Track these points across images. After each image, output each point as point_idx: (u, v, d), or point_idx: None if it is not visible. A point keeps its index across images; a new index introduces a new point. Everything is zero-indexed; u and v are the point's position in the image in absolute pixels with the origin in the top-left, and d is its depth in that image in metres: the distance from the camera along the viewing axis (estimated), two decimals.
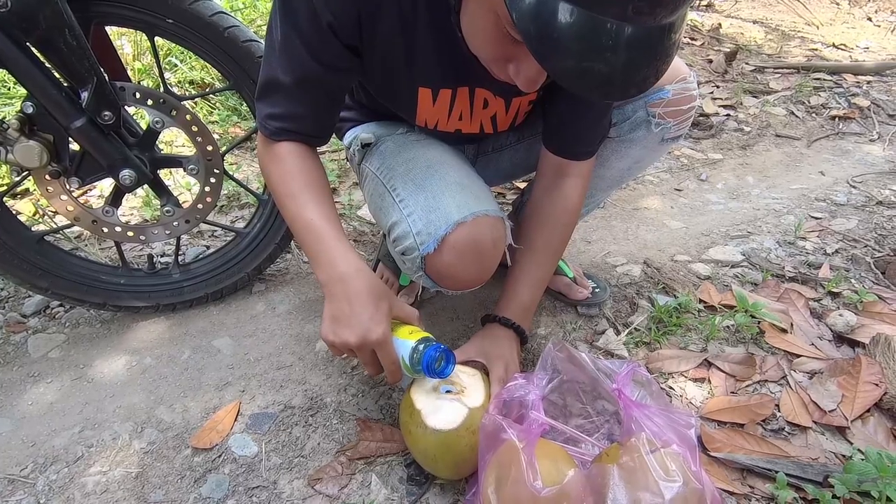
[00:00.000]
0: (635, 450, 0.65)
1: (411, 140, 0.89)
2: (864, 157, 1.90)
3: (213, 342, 1.06)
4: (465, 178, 0.82)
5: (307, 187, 0.77)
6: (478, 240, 0.74)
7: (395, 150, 0.88)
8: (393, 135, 0.92)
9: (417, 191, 0.78)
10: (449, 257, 0.74)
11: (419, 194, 0.78)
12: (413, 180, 0.80)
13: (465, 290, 0.82)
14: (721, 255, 1.32)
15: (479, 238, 0.74)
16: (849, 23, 3.65)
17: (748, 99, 2.32)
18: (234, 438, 0.86)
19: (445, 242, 0.73)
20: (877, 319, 1.08)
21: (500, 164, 1.03)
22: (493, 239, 0.76)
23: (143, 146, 0.96)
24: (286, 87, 0.74)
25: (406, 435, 0.78)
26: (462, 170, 0.84)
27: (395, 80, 0.78)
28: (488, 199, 0.80)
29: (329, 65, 0.72)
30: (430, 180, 0.79)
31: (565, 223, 0.92)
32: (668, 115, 0.87)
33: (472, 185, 0.81)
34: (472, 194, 0.78)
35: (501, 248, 0.80)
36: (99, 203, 1.40)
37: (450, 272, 0.76)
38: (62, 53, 0.82)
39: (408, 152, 0.86)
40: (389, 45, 0.73)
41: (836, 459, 0.82)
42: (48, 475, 0.81)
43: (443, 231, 0.73)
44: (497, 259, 0.80)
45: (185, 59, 1.86)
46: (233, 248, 1.13)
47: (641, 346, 1.04)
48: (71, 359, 1.02)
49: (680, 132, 0.91)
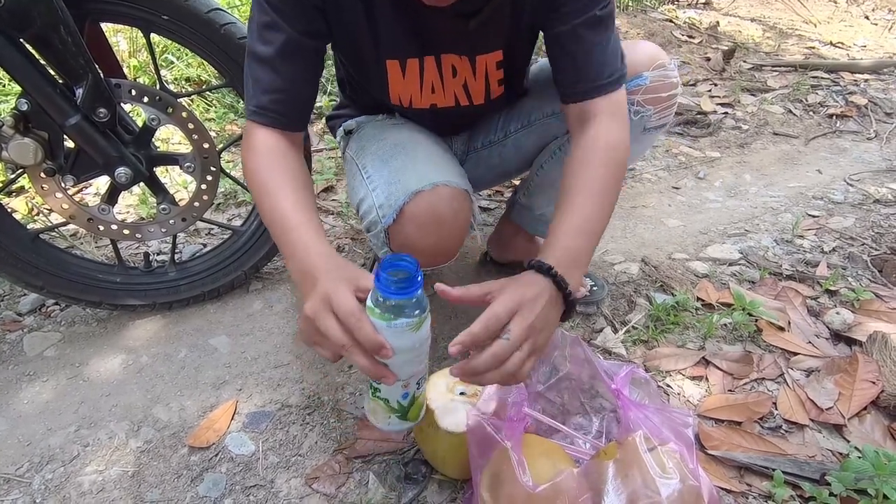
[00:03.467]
0: (633, 447, 0.65)
1: (389, 123, 0.90)
2: (862, 156, 1.90)
3: (209, 341, 1.05)
4: (433, 153, 0.82)
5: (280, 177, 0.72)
6: (436, 209, 0.73)
7: (370, 133, 0.89)
8: (373, 121, 0.93)
9: (383, 165, 0.79)
10: (409, 227, 0.74)
11: (384, 168, 0.79)
12: (381, 157, 0.81)
13: (434, 267, 0.81)
14: (719, 254, 1.32)
15: (437, 207, 0.73)
16: (846, 21, 3.65)
17: (746, 97, 2.32)
18: (231, 437, 0.86)
19: (404, 212, 0.73)
20: (873, 317, 1.09)
21: (490, 161, 1.03)
22: (454, 209, 0.75)
23: (138, 144, 0.95)
24: (266, 59, 0.73)
25: (417, 432, 0.78)
26: (431, 147, 0.84)
27: (363, 55, 0.80)
28: (454, 172, 0.79)
29: (303, 30, 0.72)
30: (397, 156, 0.80)
31: (602, 161, 0.75)
32: (648, 103, 0.85)
33: (439, 159, 0.81)
34: (435, 166, 0.78)
35: (463, 221, 0.77)
36: (95, 201, 1.40)
37: (410, 243, 0.75)
38: (57, 50, 0.82)
39: (382, 133, 0.87)
40: (352, 16, 0.75)
41: (833, 457, 0.82)
42: (44, 474, 0.81)
43: (401, 200, 0.73)
44: (460, 233, 0.78)
45: (182, 56, 1.85)
46: (229, 246, 1.13)
47: (639, 344, 1.04)
48: (66, 357, 1.01)
49: (663, 121, 0.90)
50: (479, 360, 0.58)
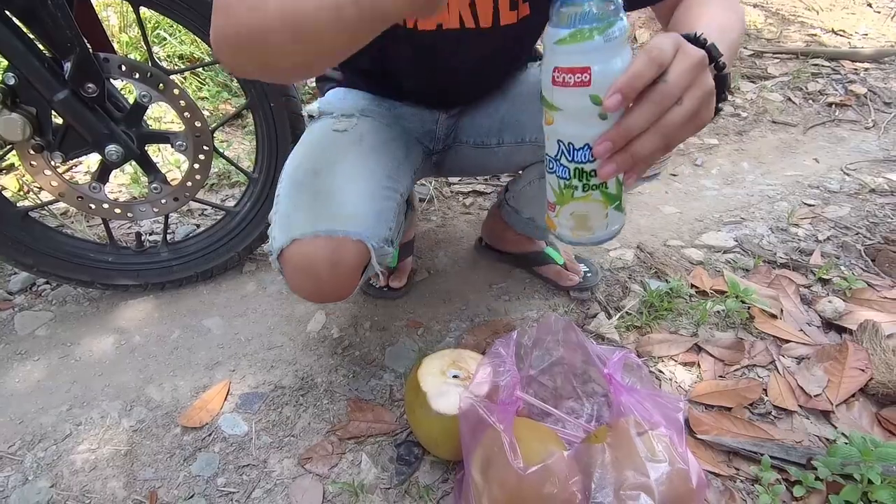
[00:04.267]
0: (623, 431, 0.65)
1: (330, 132, 0.84)
2: (859, 145, 1.89)
3: (203, 322, 1.05)
4: (343, 189, 0.75)
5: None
6: (311, 260, 0.70)
7: (310, 137, 0.84)
8: (326, 119, 0.86)
9: (289, 193, 0.75)
10: (287, 270, 0.73)
11: (289, 197, 0.75)
12: (293, 178, 0.77)
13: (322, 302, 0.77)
14: (714, 241, 1.32)
15: (312, 258, 0.70)
16: (849, 8, 3.62)
17: (746, 84, 2.30)
18: (224, 418, 0.86)
19: (282, 256, 0.72)
20: (865, 306, 1.09)
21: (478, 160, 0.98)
22: (332, 262, 0.70)
23: (129, 121, 0.94)
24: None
25: (410, 413, 0.79)
26: (348, 178, 0.76)
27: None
28: (351, 216, 0.72)
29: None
30: (304, 185, 0.76)
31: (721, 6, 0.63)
32: None
33: (343, 199, 0.74)
34: (331, 209, 0.72)
35: (345, 272, 0.72)
36: (86, 179, 1.38)
37: (290, 284, 0.75)
38: (44, 23, 0.80)
39: (314, 145, 0.82)
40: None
41: (821, 443, 0.83)
42: (36, 452, 0.81)
43: (280, 243, 0.71)
44: (343, 281, 0.73)
45: (175, 32, 1.81)
46: (223, 227, 1.12)
47: (632, 329, 1.05)
48: (58, 337, 1.01)
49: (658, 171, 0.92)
50: (634, 114, 0.44)
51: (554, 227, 0.54)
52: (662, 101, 0.44)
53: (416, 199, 1.32)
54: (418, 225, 1.37)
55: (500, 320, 1.06)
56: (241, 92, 1.15)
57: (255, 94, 1.01)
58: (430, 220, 1.39)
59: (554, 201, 0.52)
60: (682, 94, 0.44)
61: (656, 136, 0.45)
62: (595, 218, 0.51)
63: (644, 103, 0.44)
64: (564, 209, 0.51)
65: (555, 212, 0.53)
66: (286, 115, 1.02)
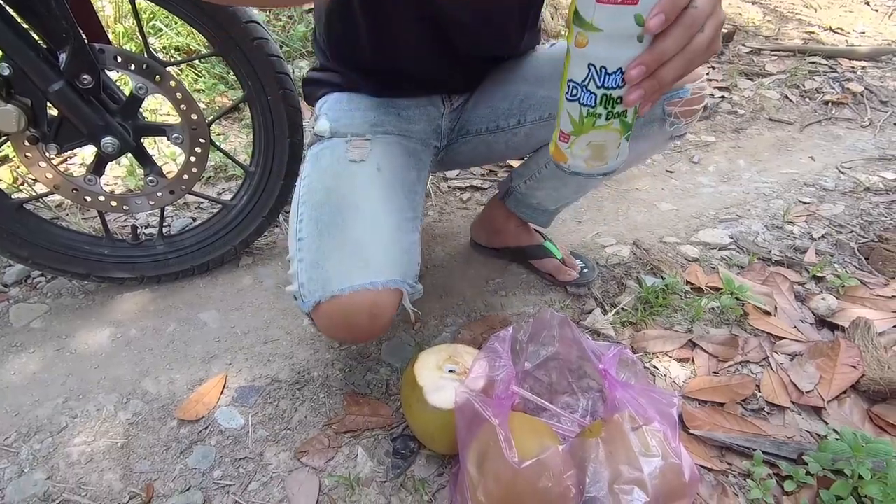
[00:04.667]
0: (618, 426, 0.66)
1: (346, 163, 0.81)
2: (855, 143, 1.90)
3: (199, 315, 1.05)
4: (371, 232, 0.74)
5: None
6: (349, 316, 0.71)
7: (326, 168, 0.82)
8: (338, 143, 0.84)
9: (315, 236, 0.74)
10: (323, 322, 0.73)
11: (315, 241, 0.74)
12: (317, 219, 0.76)
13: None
14: (709, 238, 1.33)
15: (351, 314, 0.71)
16: (847, 6, 3.62)
17: (743, 81, 2.31)
18: (220, 411, 0.86)
19: (319, 309, 0.72)
20: (857, 304, 1.10)
21: (494, 146, 0.98)
22: (371, 315, 0.71)
23: (125, 113, 0.93)
24: None
25: (406, 408, 0.79)
26: (374, 220, 0.76)
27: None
28: (384, 263, 0.73)
29: None
30: (330, 229, 0.74)
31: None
32: (683, 115, 0.84)
33: (373, 243, 0.74)
34: (362, 260, 0.72)
35: (382, 323, 0.73)
36: (81, 171, 1.37)
37: (325, 332, 0.76)
38: (39, 13, 0.79)
39: (332, 179, 0.80)
40: None
41: (812, 439, 0.84)
42: (32, 444, 0.81)
43: (317, 298, 0.71)
44: (379, 331, 0.74)
45: (171, 23, 1.80)
46: (219, 220, 1.11)
47: (628, 325, 1.05)
48: (53, 329, 1.01)
49: (688, 129, 0.89)
50: (669, 37, 0.46)
51: (565, 158, 0.54)
52: (693, 26, 0.46)
53: None
54: None
55: (496, 315, 1.07)
56: (238, 84, 1.14)
57: (252, 87, 1.00)
58: (427, 214, 1.39)
59: (570, 131, 0.51)
60: (706, 22, 0.47)
61: (683, 60, 0.47)
62: (610, 147, 0.51)
63: (677, 27, 0.45)
64: (581, 138, 0.51)
65: (568, 142, 0.52)
66: (283, 108, 1.02)
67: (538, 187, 1.02)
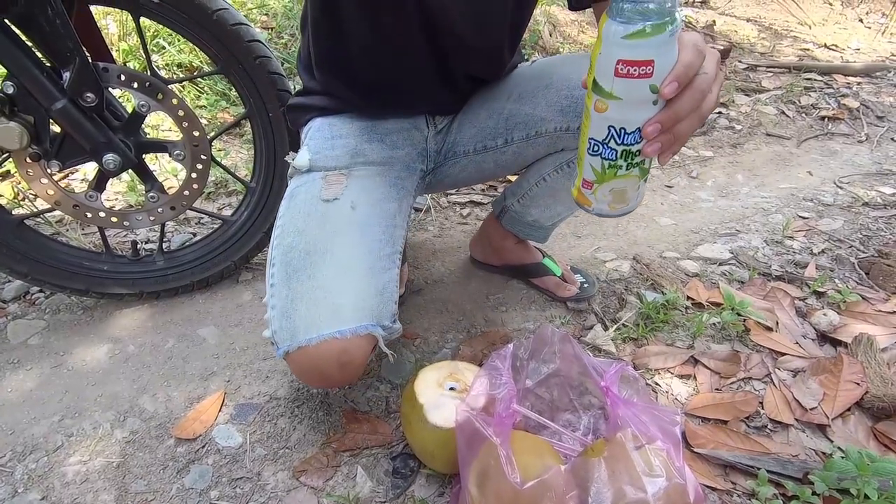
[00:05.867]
0: (620, 445, 0.65)
1: (319, 203, 0.79)
2: (852, 158, 1.92)
3: (198, 331, 1.04)
4: (341, 277, 0.73)
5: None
6: (318, 365, 0.70)
7: (297, 208, 0.80)
8: (315, 179, 0.82)
9: (284, 282, 0.73)
10: (294, 370, 0.73)
11: (285, 285, 0.73)
12: (287, 264, 0.74)
13: None
14: (709, 253, 1.33)
15: (319, 364, 0.70)
16: (841, 23, 3.67)
17: (740, 97, 2.33)
18: (218, 429, 0.86)
19: (289, 357, 0.71)
20: (859, 319, 1.10)
21: (483, 165, 0.96)
22: (341, 364, 0.70)
23: (127, 130, 0.93)
24: None
25: (406, 425, 0.78)
26: (344, 264, 0.74)
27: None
28: (354, 309, 0.71)
29: None
30: (299, 275, 0.73)
31: None
32: None
33: (343, 289, 0.72)
34: (331, 308, 0.70)
35: (353, 370, 0.72)
36: (82, 187, 1.38)
37: (301, 380, 0.76)
38: (43, 32, 0.80)
39: (304, 221, 0.78)
40: None
41: (817, 457, 0.83)
42: (27, 464, 0.80)
43: (286, 347, 0.71)
44: (350, 378, 0.73)
45: (174, 41, 1.82)
46: (219, 235, 1.11)
47: (629, 341, 1.05)
48: (51, 346, 1.00)
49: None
50: (683, 100, 0.51)
51: (589, 203, 0.59)
52: (703, 89, 0.52)
53: None
54: (414, 234, 1.37)
55: (496, 331, 1.06)
56: (240, 101, 1.15)
57: (253, 104, 1.01)
58: (426, 230, 1.40)
59: (593, 180, 0.56)
60: (713, 86, 0.54)
61: (695, 118, 0.53)
62: (631, 191, 0.57)
63: (689, 91, 0.51)
64: (604, 186, 0.56)
65: (592, 189, 0.57)
66: (284, 124, 1.02)
67: (532, 205, 1.02)
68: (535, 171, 0.96)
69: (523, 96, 0.89)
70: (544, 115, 0.87)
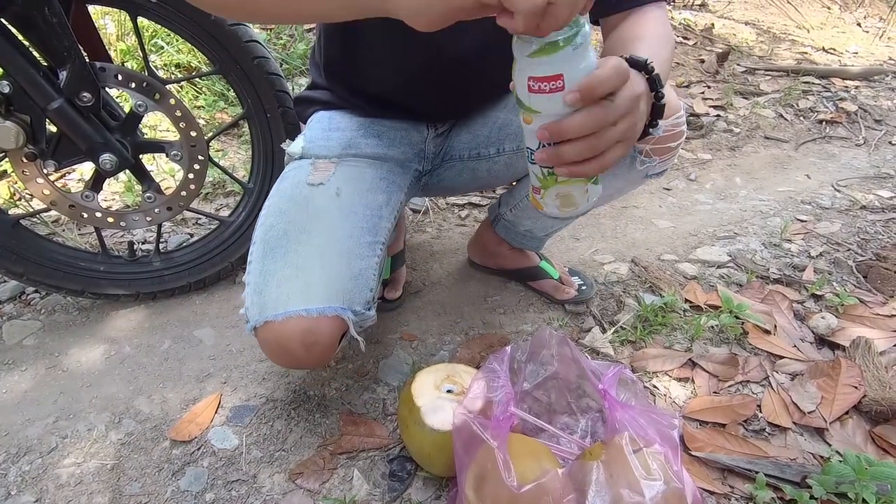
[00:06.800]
0: (618, 449, 0.65)
1: (304, 186, 0.80)
2: (850, 162, 1.92)
3: (194, 332, 1.04)
4: (316, 257, 0.73)
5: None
6: (283, 343, 0.70)
7: (283, 190, 0.81)
8: (304, 165, 0.83)
9: (262, 259, 0.74)
10: (263, 347, 0.73)
11: (259, 264, 0.74)
12: (265, 242, 0.75)
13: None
14: (708, 256, 1.33)
15: (284, 341, 0.69)
16: (839, 27, 3.69)
17: (738, 100, 2.33)
18: (214, 431, 0.85)
19: (257, 333, 0.72)
20: (857, 322, 1.10)
21: (477, 172, 0.97)
22: (306, 344, 0.69)
23: (124, 130, 0.93)
24: None
25: (403, 429, 0.78)
26: (321, 245, 0.74)
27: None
28: (325, 290, 0.71)
29: None
30: (275, 252, 0.73)
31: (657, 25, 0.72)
32: (655, 153, 0.81)
33: (317, 269, 0.72)
34: (302, 286, 0.70)
35: (319, 352, 0.71)
36: (78, 187, 1.37)
37: (270, 358, 0.75)
38: (41, 31, 0.80)
39: (287, 203, 0.78)
40: None
41: (815, 461, 0.83)
42: (20, 465, 0.79)
43: (254, 322, 0.71)
44: (317, 359, 0.72)
45: (172, 41, 1.81)
46: (217, 236, 1.11)
47: (627, 344, 1.04)
48: (46, 347, 0.99)
49: (664, 167, 0.86)
50: (576, 119, 0.47)
51: (541, 206, 0.59)
52: (604, 118, 0.48)
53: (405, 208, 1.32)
54: (413, 236, 1.36)
55: (494, 334, 1.06)
56: (238, 101, 1.15)
57: (251, 105, 1.01)
58: (425, 231, 1.39)
59: (539, 186, 0.57)
60: (619, 119, 0.49)
61: (586, 145, 0.49)
62: (578, 195, 0.56)
63: (585, 113, 0.48)
64: (549, 191, 0.56)
65: (540, 195, 0.58)
66: (282, 125, 1.02)
67: (523, 216, 1.02)
68: (527, 183, 0.96)
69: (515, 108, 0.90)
70: None
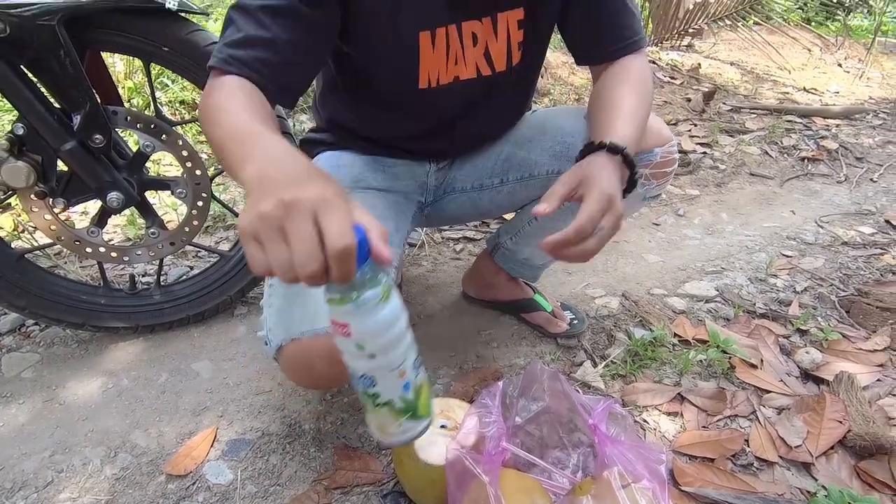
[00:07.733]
0: (607, 484, 0.67)
1: None
2: (832, 198, 1.98)
3: (191, 365, 1.05)
4: None
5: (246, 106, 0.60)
6: (308, 360, 0.72)
7: None
8: None
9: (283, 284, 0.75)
10: (285, 366, 0.75)
11: (282, 288, 0.76)
12: None
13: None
14: (696, 290, 1.36)
15: (309, 358, 0.71)
16: (820, 68, 3.84)
17: (724, 138, 2.42)
18: (209, 465, 0.86)
19: (281, 352, 0.74)
20: (841, 357, 1.13)
21: (479, 203, 1.01)
22: (331, 360, 0.67)
23: (131, 168, 0.97)
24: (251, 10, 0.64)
25: (396, 463, 0.79)
26: None
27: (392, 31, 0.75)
28: None
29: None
30: None
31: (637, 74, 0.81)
32: (653, 177, 0.90)
33: None
34: None
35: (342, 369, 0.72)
36: (82, 220, 1.40)
37: (288, 375, 0.77)
38: (56, 77, 0.84)
39: None
40: None
41: (802, 495, 0.85)
42: (16, 500, 0.80)
43: (279, 342, 0.73)
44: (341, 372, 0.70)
45: (177, 79, 1.88)
46: (216, 270, 1.14)
47: (617, 378, 1.06)
48: (44, 379, 1.00)
49: (659, 191, 0.95)
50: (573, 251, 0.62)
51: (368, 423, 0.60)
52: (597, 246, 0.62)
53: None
54: (408, 269, 1.39)
55: (488, 368, 1.08)
56: None
57: None
58: (420, 265, 1.42)
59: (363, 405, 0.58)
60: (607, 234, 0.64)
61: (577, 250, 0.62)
62: (390, 426, 0.57)
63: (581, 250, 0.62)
64: (369, 415, 0.58)
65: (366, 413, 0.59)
66: None
67: (524, 244, 1.06)
68: (529, 211, 1.01)
69: (520, 141, 0.96)
70: (538, 159, 0.94)
